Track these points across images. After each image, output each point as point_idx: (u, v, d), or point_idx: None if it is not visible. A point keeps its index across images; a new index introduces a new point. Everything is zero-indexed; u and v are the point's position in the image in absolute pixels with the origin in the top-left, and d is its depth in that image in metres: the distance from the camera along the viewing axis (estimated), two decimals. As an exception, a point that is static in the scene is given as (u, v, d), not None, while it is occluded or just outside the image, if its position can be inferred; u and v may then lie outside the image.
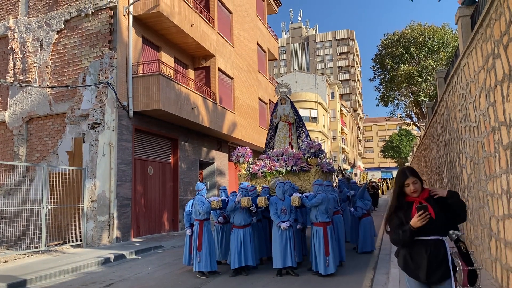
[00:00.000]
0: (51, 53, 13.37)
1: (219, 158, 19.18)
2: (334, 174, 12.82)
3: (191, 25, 15.27)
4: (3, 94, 14.11)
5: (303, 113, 39.78)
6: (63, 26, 13.25)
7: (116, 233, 12.10)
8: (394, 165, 78.55)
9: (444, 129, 10.80)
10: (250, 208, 7.73)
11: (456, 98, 8.32)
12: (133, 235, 13.01)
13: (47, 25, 13.49)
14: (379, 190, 32.09)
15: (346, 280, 7.04)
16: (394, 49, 30.25)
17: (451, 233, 2.99)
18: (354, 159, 68.57)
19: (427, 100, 26.76)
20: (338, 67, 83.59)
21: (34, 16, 13.83)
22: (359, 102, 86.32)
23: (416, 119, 33.81)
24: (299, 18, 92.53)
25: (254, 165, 9.54)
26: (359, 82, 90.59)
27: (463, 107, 7.50)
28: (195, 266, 7.68)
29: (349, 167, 60.21)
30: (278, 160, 9.41)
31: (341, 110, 57.99)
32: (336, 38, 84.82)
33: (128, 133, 12.91)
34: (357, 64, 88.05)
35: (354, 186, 11.82)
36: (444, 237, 2.99)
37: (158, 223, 14.75)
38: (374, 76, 33.52)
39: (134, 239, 12.86)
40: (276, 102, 10.67)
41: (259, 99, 23.19)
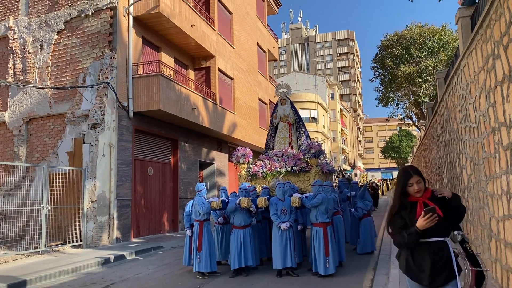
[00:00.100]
0: (51, 54, 13.37)
1: (219, 159, 19.18)
2: (334, 175, 12.80)
3: (191, 26, 15.28)
4: (3, 95, 14.11)
5: (303, 114, 39.80)
6: (63, 27, 13.26)
7: (116, 234, 12.09)
8: (394, 166, 78.55)
9: (444, 130, 10.80)
10: (250, 209, 7.73)
11: (456, 99, 8.32)
12: (133, 236, 13.01)
13: (47, 26, 13.49)
14: (379, 191, 32.09)
15: (346, 281, 7.04)
16: (394, 50, 30.25)
17: (456, 234, 2.91)
18: (354, 160, 68.58)
19: (427, 101, 26.75)
20: (338, 68, 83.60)
21: (34, 17, 13.83)
22: (359, 103, 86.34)
23: (416, 120, 33.82)
24: (299, 19, 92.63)
25: (254, 166, 9.54)
26: (359, 83, 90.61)
27: (463, 108, 7.50)
28: (195, 267, 7.68)
29: (349, 168, 60.21)
30: (278, 161, 9.41)
31: (341, 111, 58.01)
32: (336, 39, 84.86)
33: (128, 134, 12.92)
34: (357, 65, 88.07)
35: (355, 187, 11.77)
36: (447, 238, 2.90)
37: (158, 224, 14.75)
38: (374, 77, 33.53)
39: (134, 240, 12.86)
40: (276, 103, 10.67)
41: (259, 100, 23.19)
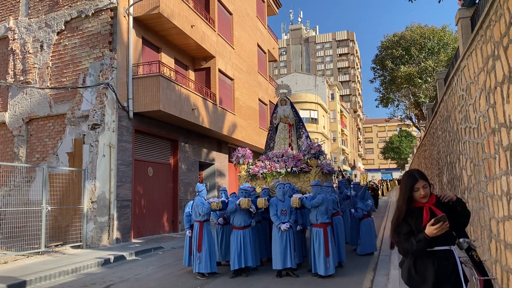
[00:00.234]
0: (51, 54, 13.38)
1: (219, 159, 19.18)
2: (334, 175, 12.78)
3: (191, 26, 15.28)
4: (3, 95, 14.11)
5: (303, 114, 39.80)
6: (64, 27, 13.27)
7: (116, 234, 12.09)
8: (394, 167, 78.58)
9: (444, 131, 10.80)
10: (250, 209, 7.73)
11: (456, 100, 8.32)
12: (133, 236, 13.01)
13: (48, 26, 13.50)
14: (379, 191, 32.07)
15: (346, 281, 7.04)
16: (394, 51, 30.26)
17: (462, 242, 2.75)
18: (354, 160, 68.58)
19: (427, 102, 26.76)
20: (338, 68, 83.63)
21: (35, 17, 13.84)
22: (359, 103, 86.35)
23: (416, 120, 33.83)
24: (299, 19, 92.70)
25: (254, 166, 9.53)
26: (359, 83, 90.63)
27: (463, 109, 7.51)
28: (195, 267, 7.68)
29: (349, 168, 60.21)
30: (278, 161, 9.40)
31: (341, 111, 58.02)
32: (336, 39, 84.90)
33: (128, 134, 12.92)
34: (357, 65, 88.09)
35: (357, 188, 11.60)
36: (453, 246, 2.73)
37: (158, 224, 14.75)
38: (374, 77, 33.55)
39: (134, 240, 12.85)
40: (276, 103, 10.67)
41: (259, 100, 23.20)
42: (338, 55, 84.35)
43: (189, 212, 8.36)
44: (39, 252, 10.22)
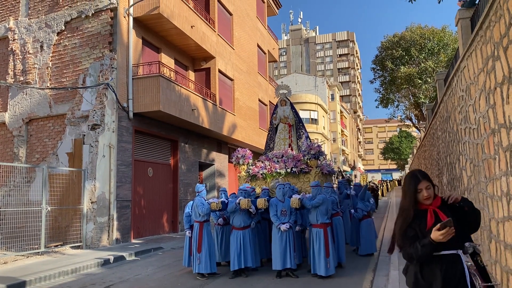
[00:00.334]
0: (51, 55, 13.38)
1: (219, 160, 19.18)
2: (334, 176, 12.76)
3: (191, 27, 15.29)
4: (3, 95, 14.11)
5: (303, 115, 39.79)
6: (64, 28, 13.27)
7: (116, 235, 12.08)
8: (394, 167, 78.60)
9: (444, 131, 10.81)
10: (250, 210, 7.73)
11: (456, 100, 8.33)
12: (133, 237, 13.00)
13: (48, 27, 13.50)
14: (379, 192, 32.06)
15: (346, 282, 7.04)
16: (394, 51, 30.29)
17: (468, 246, 2.62)
18: (354, 161, 68.57)
19: (427, 102, 26.78)
20: (338, 69, 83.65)
21: (35, 18, 13.84)
22: (359, 104, 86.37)
23: (416, 121, 33.85)
24: (299, 20, 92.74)
25: (254, 167, 9.53)
26: (359, 84, 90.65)
27: (463, 109, 7.51)
28: (195, 268, 7.68)
29: (349, 169, 60.20)
30: (278, 162, 9.40)
31: (341, 112, 58.02)
32: (336, 40, 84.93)
33: (128, 135, 12.92)
34: (357, 66, 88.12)
35: (358, 189, 11.44)
36: (460, 251, 2.61)
37: (158, 225, 14.75)
38: (374, 78, 33.57)
39: (134, 241, 12.85)
40: (276, 104, 10.67)
41: (259, 101, 23.20)
42: (338, 56, 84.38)
43: (189, 213, 8.36)
44: (39, 253, 10.22)
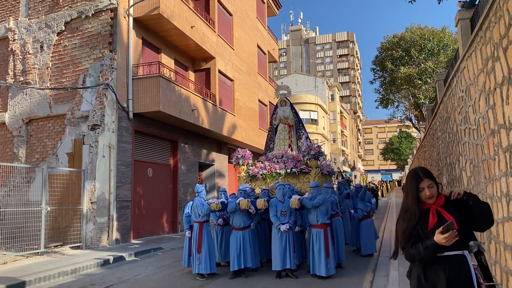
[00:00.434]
0: (51, 55, 13.38)
1: (219, 160, 19.18)
2: (334, 176, 12.75)
3: (191, 27, 15.29)
4: (3, 96, 14.11)
5: (303, 115, 39.80)
6: (64, 28, 13.27)
7: (116, 235, 12.08)
8: (394, 168, 78.63)
9: (444, 132, 10.81)
10: (249, 210, 7.73)
11: (456, 101, 8.33)
12: (133, 237, 13.00)
13: (48, 27, 13.50)
14: (379, 192, 32.07)
15: (346, 282, 7.04)
16: (394, 52, 30.30)
17: (472, 245, 2.52)
18: (354, 161, 68.57)
19: (427, 103, 26.79)
20: (338, 69, 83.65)
21: (35, 18, 13.85)
22: (359, 104, 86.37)
23: (416, 122, 33.86)
24: (299, 20, 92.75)
25: (254, 167, 9.53)
26: (359, 84, 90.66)
27: (463, 110, 7.51)
28: (195, 268, 7.68)
29: (349, 169, 60.20)
30: (278, 162, 9.40)
31: (341, 112, 58.02)
32: (336, 40, 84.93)
33: (128, 135, 12.92)
34: (357, 66, 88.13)
35: (360, 190, 11.35)
36: (466, 251, 2.50)
37: (158, 225, 14.74)
38: (374, 78, 33.58)
39: (134, 241, 12.85)
40: (276, 104, 10.67)
41: (259, 101, 23.20)
42: (338, 56, 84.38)
43: (189, 213, 8.36)
44: (39, 253, 10.21)
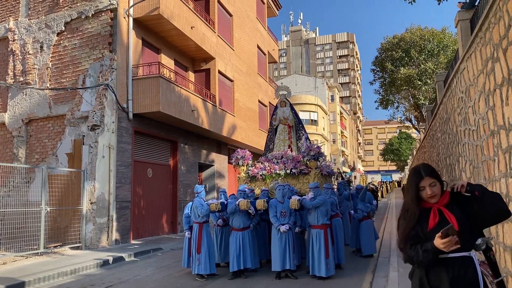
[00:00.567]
0: (51, 55, 13.38)
1: (219, 161, 19.18)
2: (334, 177, 12.74)
3: (191, 28, 15.30)
4: (3, 96, 14.11)
5: (303, 116, 39.79)
6: (64, 28, 13.27)
7: (115, 235, 12.07)
8: (394, 168, 78.65)
9: (444, 133, 10.82)
10: (249, 211, 7.72)
11: (456, 102, 8.33)
12: (132, 237, 12.99)
13: (48, 27, 13.51)
14: (379, 193, 32.07)
15: (345, 283, 7.04)
16: (394, 52, 30.33)
17: (479, 243, 2.31)
18: (354, 162, 68.57)
19: (427, 103, 26.80)
20: (338, 70, 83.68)
21: (35, 18, 13.85)
22: (359, 105, 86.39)
23: (416, 122, 33.89)
24: (299, 21, 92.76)
25: (254, 168, 9.53)
26: (359, 85, 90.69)
27: (463, 111, 7.51)
28: (194, 269, 7.67)
29: (349, 170, 60.20)
30: (278, 163, 9.39)
31: (341, 113, 58.03)
32: (336, 41, 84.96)
33: (128, 135, 12.91)
34: (357, 67, 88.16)
35: (360, 191, 11.31)
36: (472, 252, 2.31)
37: (157, 225, 14.74)
38: (374, 79, 33.62)
39: (133, 241, 12.84)
40: (276, 105, 10.66)
41: (259, 102, 23.21)
42: (338, 57, 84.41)
43: (188, 214, 8.36)
44: (38, 253, 10.21)
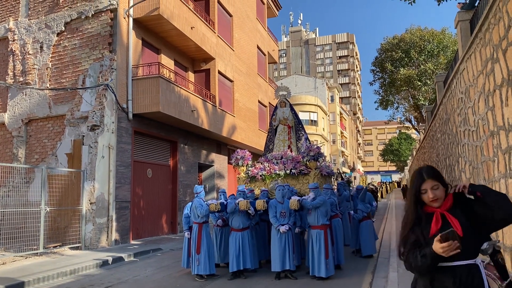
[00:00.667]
0: (51, 55, 13.38)
1: (219, 161, 19.17)
2: (333, 177, 12.75)
3: (191, 28, 15.30)
4: (3, 96, 14.10)
5: (303, 116, 39.79)
6: (63, 28, 13.27)
7: (115, 236, 12.07)
8: (394, 169, 78.68)
9: (443, 133, 10.82)
10: (248, 211, 7.72)
11: (455, 102, 8.33)
12: (132, 238, 12.99)
13: (47, 27, 13.51)
14: (378, 193, 32.09)
15: (345, 283, 7.04)
16: (394, 53, 30.34)
17: (486, 247, 2.19)
18: (354, 163, 68.58)
19: (427, 104, 26.80)
20: (338, 71, 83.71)
21: (35, 18, 13.85)
22: (359, 106, 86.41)
23: (416, 123, 33.90)
24: (299, 22, 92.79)
25: (253, 168, 9.53)
26: (359, 86, 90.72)
27: (462, 111, 7.52)
28: (194, 269, 7.67)
29: (349, 171, 60.20)
30: (277, 163, 9.39)
31: (341, 114, 58.04)
32: (336, 42, 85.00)
33: (128, 136, 12.91)
34: (357, 68, 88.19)
35: (359, 192, 11.28)
36: (478, 260, 2.19)
37: (157, 226, 14.73)
38: (374, 80, 33.62)
39: (133, 242, 12.83)
40: (276, 105, 10.67)
41: (259, 102, 23.21)
42: (338, 57, 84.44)
43: (188, 214, 8.36)
44: (38, 253, 10.20)
